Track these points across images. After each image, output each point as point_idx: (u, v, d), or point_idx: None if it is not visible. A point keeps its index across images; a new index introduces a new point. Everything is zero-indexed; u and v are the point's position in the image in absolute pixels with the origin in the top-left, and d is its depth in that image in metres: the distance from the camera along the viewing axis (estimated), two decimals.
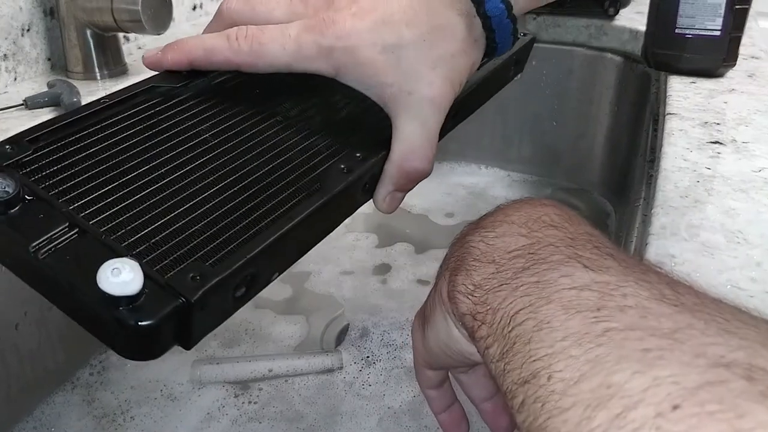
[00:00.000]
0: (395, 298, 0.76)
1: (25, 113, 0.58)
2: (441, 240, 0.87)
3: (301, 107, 0.36)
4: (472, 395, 0.38)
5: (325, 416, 0.60)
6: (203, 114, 0.34)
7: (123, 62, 0.70)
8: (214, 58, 0.35)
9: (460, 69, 0.35)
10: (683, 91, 0.67)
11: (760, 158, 0.52)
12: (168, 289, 0.24)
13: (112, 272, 0.23)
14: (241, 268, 0.26)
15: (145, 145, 0.31)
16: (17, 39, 0.65)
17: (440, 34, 0.34)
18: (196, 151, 0.31)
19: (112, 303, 0.23)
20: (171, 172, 0.30)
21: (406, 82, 0.34)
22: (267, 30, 0.34)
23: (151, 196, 0.29)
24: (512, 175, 1.05)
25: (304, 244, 0.32)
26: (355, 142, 0.35)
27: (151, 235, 0.27)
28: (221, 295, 0.26)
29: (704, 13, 0.69)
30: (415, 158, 0.34)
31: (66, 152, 0.29)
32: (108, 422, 0.59)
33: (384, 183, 0.35)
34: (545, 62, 0.99)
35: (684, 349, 0.18)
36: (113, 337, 0.25)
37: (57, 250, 0.25)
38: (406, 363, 0.65)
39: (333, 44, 0.33)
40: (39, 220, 0.26)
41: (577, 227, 0.27)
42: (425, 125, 0.34)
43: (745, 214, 0.43)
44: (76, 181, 0.28)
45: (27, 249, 0.25)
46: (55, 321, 0.60)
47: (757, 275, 0.36)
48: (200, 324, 0.26)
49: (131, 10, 0.61)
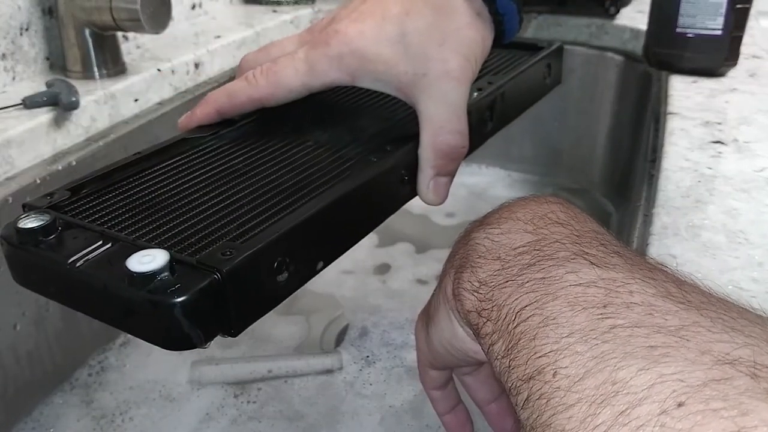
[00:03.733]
0: (395, 298, 0.76)
1: (23, 113, 0.58)
2: (441, 240, 0.87)
3: (331, 132, 0.38)
4: (476, 397, 0.37)
5: (325, 416, 0.60)
6: (235, 153, 0.35)
7: (122, 62, 0.69)
8: (237, 99, 0.37)
9: (469, 42, 0.35)
10: (684, 91, 0.67)
11: (761, 158, 0.51)
12: (199, 266, 0.25)
13: (141, 258, 0.24)
14: (273, 244, 0.27)
15: (179, 181, 0.32)
16: (16, 38, 0.65)
17: (441, 14, 0.34)
18: (228, 177, 0.33)
19: (144, 283, 0.24)
20: (204, 194, 0.31)
21: (418, 66, 0.34)
22: (278, 60, 0.36)
23: (186, 212, 0.29)
24: (513, 175, 1.05)
25: (345, 234, 0.32)
26: (383, 141, 0.36)
27: (181, 232, 0.28)
28: (257, 273, 0.26)
29: (705, 13, 0.69)
30: (445, 135, 0.35)
31: (102, 194, 0.31)
32: (107, 423, 0.58)
33: (422, 169, 0.36)
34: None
35: (689, 346, 0.18)
36: (153, 328, 0.25)
37: (93, 261, 0.26)
38: (407, 362, 0.65)
39: (341, 51, 0.34)
40: (74, 241, 0.27)
41: (583, 225, 0.27)
42: (447, 100, 0.34)
43: (747, 214, 0.43)
44: (112, 210, 0.30)
45: (65, 265, 0.26)
46: (53, 321, 0.60)
47: (758, 275, 0.36)
48: (240, 304, 0.26)
49: (130, 9, 0.61)
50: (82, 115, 0.61)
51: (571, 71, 0.99)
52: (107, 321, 0.26)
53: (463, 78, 0.35)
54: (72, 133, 0.61)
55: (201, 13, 0.94)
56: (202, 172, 0.33)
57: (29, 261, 0.28)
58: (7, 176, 0.55)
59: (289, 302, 0.75)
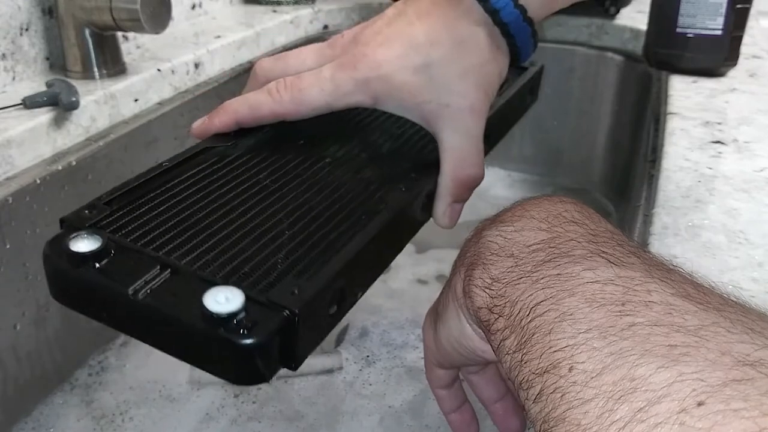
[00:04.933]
0: (395, 297, 0.76)
1: (23, 113, 0.58)
2: (441, 240, 0.87)
3: (346, 148, 0.38)
4: (483, 396, 0.37)
5: (325, 416, 0.60)
6: (258, 165, 0.36)
7: (122, 62, 0.69)
8: (259, 113, 0.37)
9: (490, 76, 0.36)
10: (684, 91, 0.67)
11: (761, 158, 0.51)
12: (271, 305, 0.25)
13: (216, 296, 0.24)
14: (333, 280, 0.27)
15: (212, 196, 0.32)
16: (16, 38, 0.65)
17: (465, 47, 0.35)
18: (260, 195, 0.33)
19: (221, 324, 0.24)
20: (242, 214, 0.31)
21: (441, 97, 0.35)
22: (303, 77, 0.36)
23: (230, 235, 0.29)
24: (513, 175, 1.05)
25: (380, 262, 0.33)
26: (405, 167, 0.37)
27: (241, 266, 0.28)
28: (319, 309, 0.27)
29: (705, 13, 0.69)
30: (466, 166, 0.36)
31: (141, 209, 0.31)
32: (107, 423, 0.58)
33: (441, 196, 0.37)
34: (546, 61, 0.98)
35: (709, 346, 0.18)
36: (226, 365, 0.25)
37: (155, 290, 0.26)
38: (407, 362, 0.65)
39: (367, 75, 0.35)
40: (131, 267, 0.27)
41: (598, 224, 0.27)
42: (468, 133, 0.36)
43: (747, 214, 0.43)
44: (158, 231, 0.29)
45: (126, 293, 0.25)
46: (53, 321, 0.60)
47: (758, 275, 0.36)
48: (304, 339, 0.26)
49: (130, 9, 0.61)
50: (82, 115, 0.61)
51: (571, 71, 0.99)
52: (171, 352, 0.26)
53: (482, 112, 0.36)
54: (72, 133, 0.61)
55: (201, 13, 0.94)
56: (232, 186, 0.33)
57: (82, 286, 0.27)
58: (7, 176, 0.55)
59: None
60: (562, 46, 0.98)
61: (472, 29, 0.35)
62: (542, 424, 0.19)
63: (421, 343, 0.36)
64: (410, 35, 0.35)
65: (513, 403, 0.37)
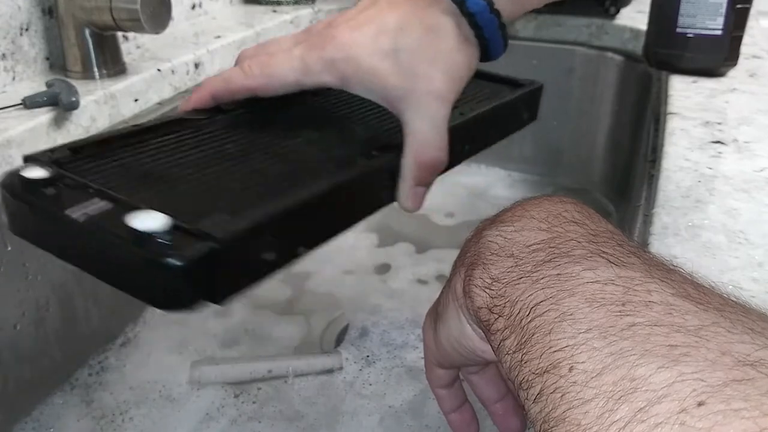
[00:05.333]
0: (395, 297, 0.76)
1: (23, 113, 0.58)
2: (441, 240, 0.87)
3: (320, 132, 0.40)
4: (483, 396, 0.37)
5: (325, 416, 0.60)
6: (227, 137, 0.37)
7: (122, 62, 0.69)
8: (231, 86, 0.39)
9: (457, 64, 0.37)
10: (684, 91, 0.67)
11: (761, 158, 0.51)
12: (198, 233, 0.26)
13: (143, 219, 0.25)
14: (266, 223, 0.28)
15: (173, 155, 0.34)
16: (16, 38, 0.65)
17: (433, 35, 0.36)
18: (220, 158, 0.35)
19: (143, 242, 0.25)
20: (197, 170, 0.33)
21: (407, 82, 0.36)
22: (275, 54, 0.38)
23: (179, 183, 0.31)
24: (513, 175, 1.05)
25: (329, 225, 0.34)
26: (371, 146, 0.38)
27: (179, 201, 0.29)
28: (249, 248, 0.28)
29: (705, 13, 0.69)
30: (428, 149, 0.37)
31: (100, 156, 0.33)
32: (107, 423, 0.58)
33: (404, 178, 0.38)
34: (546, 61, 0.99)
35: (710, 346, 0.18)
36: (148, 286, 0.26)
37: (91, 215, 0.27)
38: (407, 362, 0.65)
39: (335, 56, 0.36)
40: (74, 196, 0.28)
41: (598, 224, 0.27)
42: (432, 117, 0.36)
43: (747, 214, 0.43)
44: (109, 172, 0.31)
45: (64, 215, 0.27)
46: (53, 321, 0.60)
47: (758, 276, 0.36)
48: (230, 274, 0.27)
49: (130, 9, 0.61)
50: (82, 115, 0.61)
51: (571, 71, 0.99)
52: (101, 276, 0.27)
53: (448, 97, 0.37)
54: (72, 133, 0.61)
55: (201, 13, 0.94)
56: (196, 150, 0.35)
57: (28, 210, 0.29)
58: None
59: (289, 302, 0.75)
60: (562, 46, 0.98)
61: (440, 18, 0.36)
62: (542, 424, 0.19)
63: (421, 342, 0.36)
64: (380, 20, 0.36)
65: (513, 403, 0.37)
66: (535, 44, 0.98)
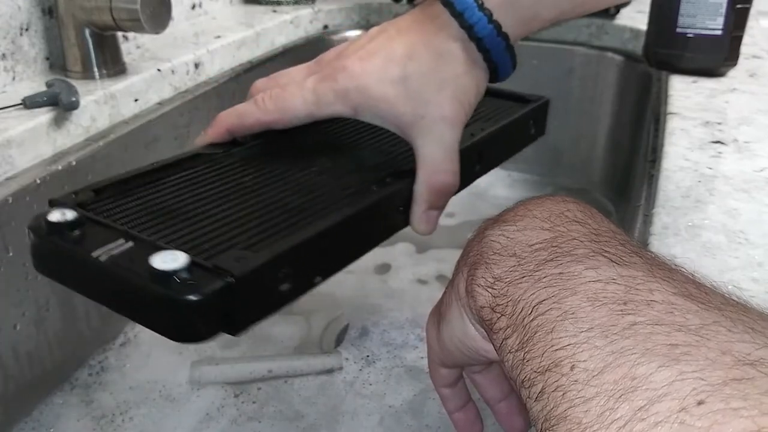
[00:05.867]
0: (395, 297, 0.76)
1: (23, 113, 0.58)
2: (441, 240, 0.87)
3: (335, 158, 0.41)
4: (487, 396, 0.38)
5: (325, 416, 0.60)
6: (244, 169, 0.38)
7: (122, 62, 0.69)
8: (246, 121, 0.40)
9: (465, 89, 0.38)
10: (684, 91, 0.67)
11: (761, 158, 0.51)
12: (215, 269, 0.27)
13: (164, 257, 0.27)
14: (283, 256, 0.29)
15: (192, 191, 0.35)
16: (15, 38, 0.65)
17: (441, 61, 0.37)
18: (237, 191, 0.36)
19: (163, 280, 0.26)
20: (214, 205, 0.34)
21: (417, 108, 0.37)
22: (287, 88, 0.39)
23: (198, 220, 0.32)
24: (513, 175, 1.05)
25: (344, 253, 0.35)
26: (383, 173, 0.39)
27: (197, 238, 0.30)
28: (265, 281, 0.29)
29: (705, 13, 0.69)
30: (439, 174, 0.38)
31: (122, 196, 0.34)
32: (107, 423, 0.58)
33: (417, 203, 0.39)
34: (546, 61, 0.99)
35: (710, 345, 0.18)
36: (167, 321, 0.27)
37: (115, 255, 0.29)
38: (407, 362, 0.65)
39: (347, 86, 0.37)
40: (99, 237, 0.30)
41: (600, 224, 0.27)
42: (443, 143, 0.37)
43: (747, 214, 0.43)
44: (132, 212, 0.33)
45: (89, 257, 0.28)
46: (53, 321, 0.60)
47: (758, 276, 0.36)
48: (246, 307, 0.28)
49: (130, 9, 0.61)
50: (82, 115, 0.61)
51: (571, 71, 0.99)
52: (123, 312, 0.29)
53: (457, 122, 0.38)
54: (72, 133, 0.61)
55: (201, 13, 0.94)
56: (214, 185, 0.36)
57: (55, 252, 0.31)
58: (7, 176, 0.55)
59: None
60: (562, 46, 0.98)
61: (448, 44, 0.37)
62: (543, 422, 0.19)
63: (422, 342, 0.37)
64: (389, 49, 0.37)
65: (517, 402, 0.37)
66: (535, 44, 0.98)
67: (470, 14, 0.36)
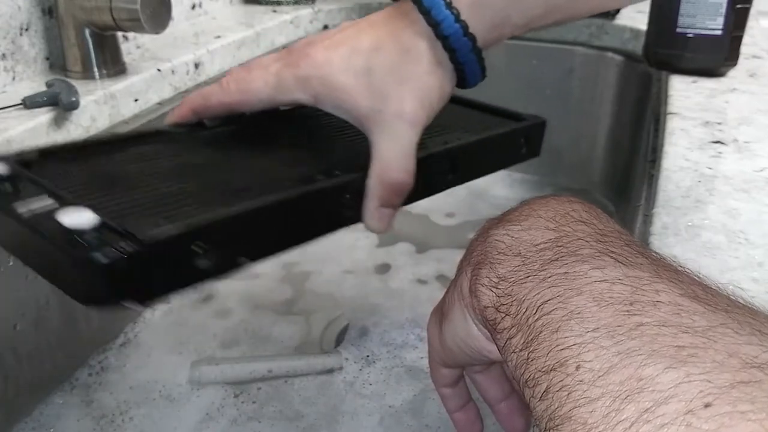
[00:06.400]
0: (395, 297, 0.76)
1: (23, 113, 0.58)
2: (441, 240, 0.87)
3: (295, 149, 0.41)
4: (488, 396, 0.37)
5: (325, 415, 0.60)
6: (198, 150, 0.38)
7: (122, 62, 0.69)
8: (209, 102, 0.40)
9: (428, 88, 0.37)
10: (684, 91, 0.67)
11: (761, 158, 0.51)
12: (125, 233, 0.27)
13: (72, 215, 0.26)
14: (198, 229, 0.29)
15: (136, 163, 0.35)
16: (15, 38, 0.65)
17: (406, 57, 0.36)
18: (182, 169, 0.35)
19: (69, 238, 0.26)
20: (154, 177, 0.33)
21: (377, 102, 0.36)
22: (251, 71, 0.39)
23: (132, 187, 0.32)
24: (513, 175, 1.05)
25: (277, 238, 0.34)
26: (337, 165, 0.38)
27: (127, 206, 0.30)
28: (177, 252, 0.28)
29: (705, 13, 0.69)
30: (392, 171, 0.37)
31: (67, 160, 0.34)
32: (107, 423, 0.58)
33: (368, 198, 0.38)
34: (546, 62, 0.99)
35: (717, 347, 0.18)
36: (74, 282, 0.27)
37: (36, 214, 0.28)
38: (407, 362, 0.65)
39: (309, 74, 0.37)
40: (27, 193, 0.30)
41: (606, 225, 0.27)
42: (398, 139, 0.37)
43: (747, 214, 0.43)
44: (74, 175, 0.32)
45: (13, 209, 0.28)
46: (53, 321, 0.60)
47: (759, 276, 0.36)
48: (155, 277, 0.28)
49: (130, 9, 0.61)
50: (82, 115, 0.61)
51: (571, 71, 0.99)
52: (38, 270, 0.29)
53: (416, 121, 0.37)
54: (72, 133, 0.61)
55: (201, 13, 0.94)
56: (165, 161, 0.36)
57: None
58: None
59: (289, 302, 0.75)
60: (561, 46, 0.98)
61: (415, 41, 0.36)
62: (548, 422, 0.19)
63: (422, 342, 0.37)
64: (356, 40, 0.37)
65: (518, 402, 0.37)
66: (534, 44, 0.98)
67: (437, 12, 0.35)
